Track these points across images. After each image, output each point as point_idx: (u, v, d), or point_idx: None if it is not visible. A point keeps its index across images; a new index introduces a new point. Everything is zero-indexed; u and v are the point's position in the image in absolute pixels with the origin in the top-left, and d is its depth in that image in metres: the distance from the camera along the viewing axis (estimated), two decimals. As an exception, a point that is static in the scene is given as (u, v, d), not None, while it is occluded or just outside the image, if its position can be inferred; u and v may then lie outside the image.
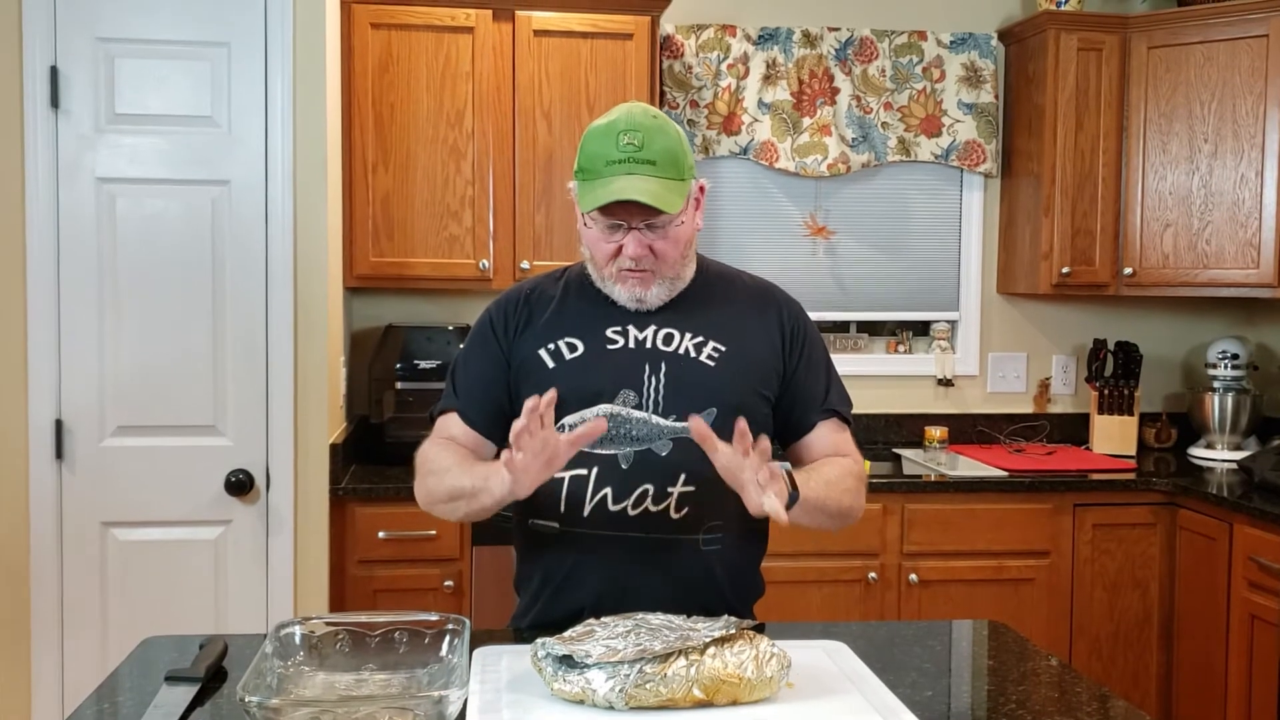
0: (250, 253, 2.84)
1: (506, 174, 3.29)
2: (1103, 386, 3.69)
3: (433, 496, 1.71)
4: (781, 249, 3.77)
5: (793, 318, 1.82)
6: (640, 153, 1.62)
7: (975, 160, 3.73)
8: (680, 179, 1.65)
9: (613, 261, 1.69)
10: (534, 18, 3.27)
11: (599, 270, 1.73)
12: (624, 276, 1.70)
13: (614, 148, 1.62)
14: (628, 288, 1.71)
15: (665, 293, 1.73)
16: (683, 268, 1.74)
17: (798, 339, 1.80)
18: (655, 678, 1.31)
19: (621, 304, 1.73)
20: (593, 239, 1.71)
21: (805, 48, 3.63)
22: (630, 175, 1.61)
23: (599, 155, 1.64)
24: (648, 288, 1.71)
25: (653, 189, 1.61)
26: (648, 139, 1.63)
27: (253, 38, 2.82)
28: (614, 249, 1.68)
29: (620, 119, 1.65)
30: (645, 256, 1.67)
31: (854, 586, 3.18)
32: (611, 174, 1.62)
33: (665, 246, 1.68)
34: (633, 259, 1.67)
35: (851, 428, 1.83)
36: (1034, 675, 1.58)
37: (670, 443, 1.66)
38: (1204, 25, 3.40)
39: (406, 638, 1.46)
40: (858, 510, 1.74)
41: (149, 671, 1.53)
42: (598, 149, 1.64)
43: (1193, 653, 3.20)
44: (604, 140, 1.64)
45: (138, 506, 2.83)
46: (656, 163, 1.62)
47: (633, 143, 1.62)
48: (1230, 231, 3.38)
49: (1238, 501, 3.01)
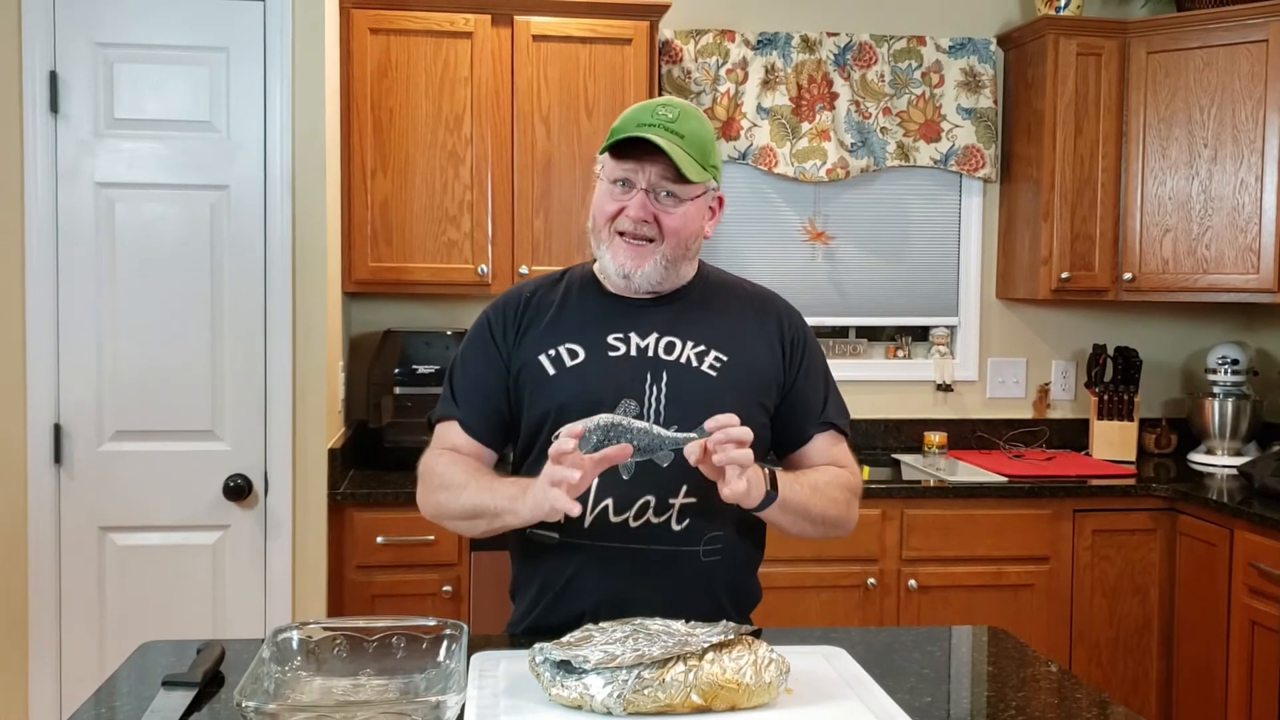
0: (249, 257, 2.84)
1: (505, 179, 3.29)
2: (1102, 392, 3.68)
3: (444, 511, 1.70)
4: (780, 254, 3.77)
5: (793, 328, 1.81)
6: (673, 124, 1.63)
7: (974, 165, 3.73)
8: (704, 164, 1.66)
9: (613, 222, 1.68)
10: (533, 23, 3.27)
11: (597, 230, 1.71)
12: (619, 244, 1.68)
13: (649, 114, 1.65)
14: (619, 257, 1.68)
15: (656, 276, 1.70)
16: (681, 258, 1.72)
17: (798, 349, 1.79)
18: (653, 683, 1.30)
19: (609, 276, 1.71)
20: (599, 196, 1.70)
21: (804, 53, 3.63)
22: (659, 137, 1.62)
23: (632, 119, 1.66)
24: (641, 262, 1.68)
25: (675, 150, 1.62)
26: (684, 116, 1.65)
27: (252, 43, 2.82)
28: (617, 208, 1.67)
29: (658, 99, 1.69)
30: (648, 223, 1.66)
31: (853, 592, 3.17)
32: (641, 132, 1.63)
33: (670, 221, 1.66)
34: (634, 220, 1.66)
35: (850, 439, 1.83)
36: (1033, 681, 1.58)
37: (672, 453, 1.65)
38: (1203, 30, 3.40)
39: (404, 643, 1.45)
40: (846, 522, 1.74)
41: (146, 676, 1.52)
42: (632, 114, 1.67)
43: (1193, 659, 3.20)
44: (641, 109, 1.67)
45: (136, 511, 2.83)
46: (686, 138, 1.64)
47: (668, 115, 1.64)
48: (1230, 236, 3.38)
49: (1238, 507, 3.01)
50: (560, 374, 1.70)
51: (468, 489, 1.65)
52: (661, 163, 1.63)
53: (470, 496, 1.64)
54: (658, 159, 1.63)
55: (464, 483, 1.66)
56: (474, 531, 1.69)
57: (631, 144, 1.63)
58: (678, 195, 1.66)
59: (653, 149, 1.62)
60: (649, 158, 1.64)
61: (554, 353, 1.72)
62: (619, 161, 1.66)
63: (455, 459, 1.72)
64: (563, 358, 1.71)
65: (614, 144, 1.65)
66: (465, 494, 1.65)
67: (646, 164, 1.64)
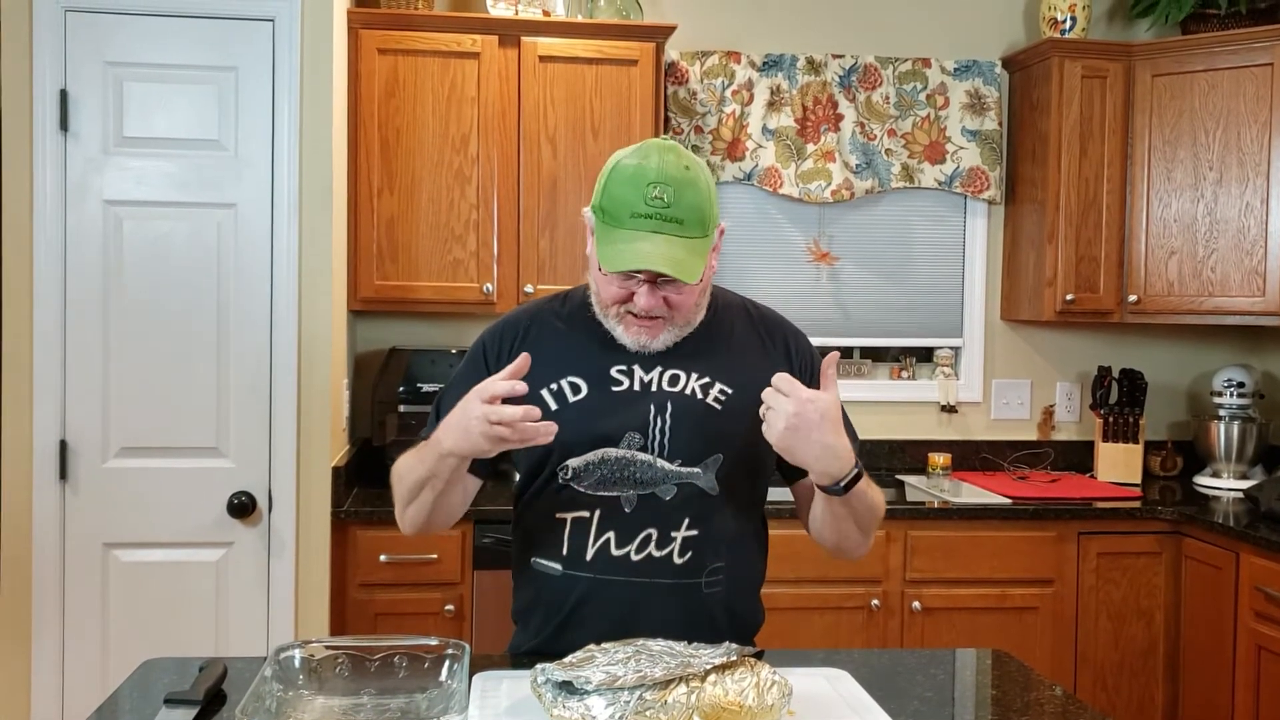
0: (255, 275, 2.85)
1: (511, 198, 3.30)
2: (1107, 414, 3.68)
3: (402, 505, 1.71)
4: (785, 275, 3.78)
5: (801, 352, 1.80)
6: (668, 210, 1.54)
7: (979, 187, 3.74)
8: (705, 236, 1.58)
9: (620, 305, 1.64)
10: (539, 44, 3.29)
11: (604, 309, 1.68)
12: (630, 322, 1.65)
13: (641, 200, 1.55)
14: (633, 334, 1.66)
15: (672, 338, 1.68)
16: (695, 315, 1.69)
17: (805, 372, 1.76)
18: (655, 704, 1.30)
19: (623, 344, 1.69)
20: (602, 280, 1.64)
21: (809, 74, 3.65)
22: (655, 234, 1.54)
23: (624, 203, 1.56)
24: (655, 336, 1.66)
25: (677, 255, 1.54)
26: (678, 194, 1.55)
27: (260, 62, 2.84)
28: (624, 295, 1.63)
29: (652, 168, 1.56)
30: (658, 307, 1.62)
31: (857, 614, 3.16)
32: (635, 229, 1.55)
33: (680, 300, 1.63)
34: (645, 310, 1.62)
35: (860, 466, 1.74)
36: (1038, 705, 1.57)
37: (675, 487, 1.64)
38: (1208, 54, 3.41)
39: (406, 662, 1.45)
40: (866, 546, 1.71)
41: (148, 693, 1.52)
42: (624, 195, 1.56)
43: (1199, 684, 3.18)
44: (632, 188, 1.56)
45: (140, 528, 2.83)
46: (684, 222, 1.55)
47: (661, 198, 1.54)
48: (1235, 259, 3.38)
49: (1244, 531, 3.00)
50: (563, 409, 1.67)
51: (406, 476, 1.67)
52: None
53: (411, 475, 1.65)
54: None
55: (402, 474, 1.69)
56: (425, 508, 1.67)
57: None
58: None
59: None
60: None
61: (555, 387, 1.68)
62: None
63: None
64: (565, 392, 1.68)
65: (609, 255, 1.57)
66: (408, 477, 1.66)
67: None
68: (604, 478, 1.64)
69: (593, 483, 1.65)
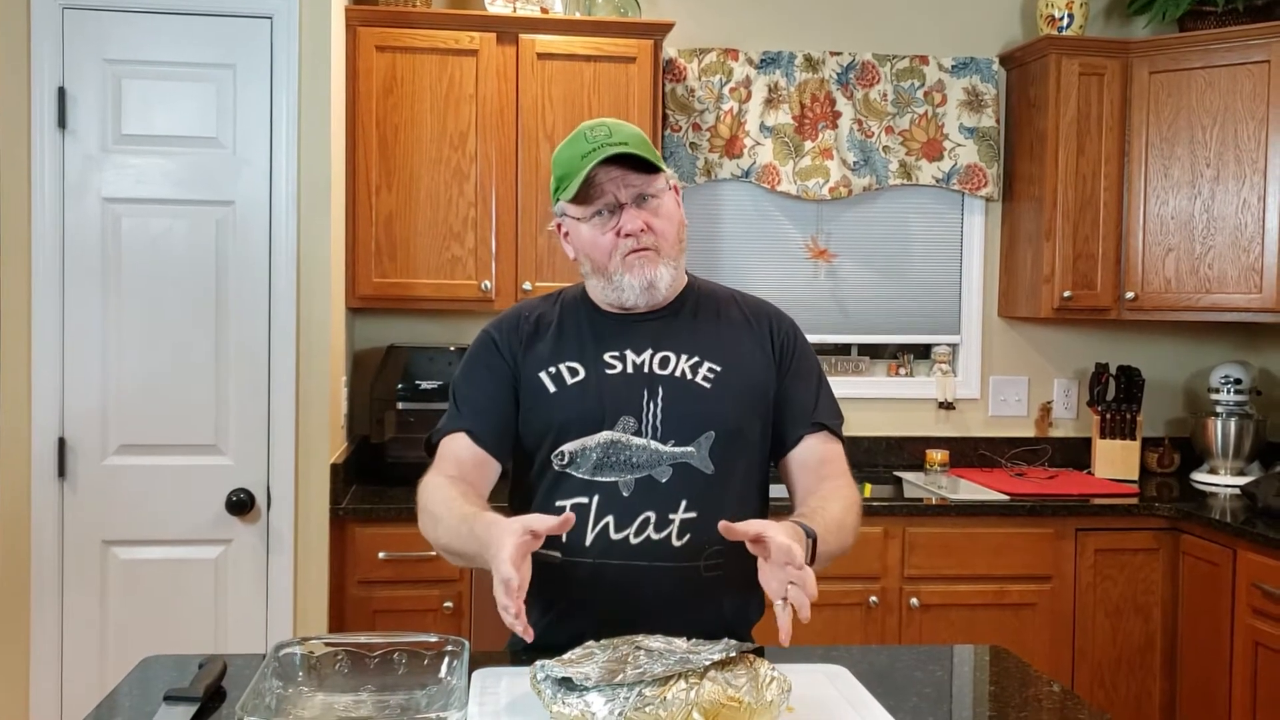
0: (254, 273, 2.85)
1: (509, 195, 3.31)
2: (1105, 411, 3.68)
3: (435, 541, 1.67)
4: (783, 271, 3.78)
5: (784, 331, 1.83)
6: (611, 138, 1.66)
7: (976, 184, 3.74)
8: (655, 155, 1.68)
9: (615, 251, 1.69)
10: (538, 41, 3.29)
11: (604, 268, 1.72)
12: (630, 262, 1.70)
13: (583, 143, 1.67)
14: (637, 271, 1.70)
15: (670, 276, 1.72)
16: (679, 254, 1.76)
17: (788, 350, 1.80)
18: (654, 701, 1.30)
19: (633, 300, 1.72)
20: (589, 239, 1.71)
21: (807, 72, 3.65)
22: (608, 151, 1.64)
23: (571, 156, 1.68)
24: (656, 266, 1.70)
25: (633, 150, 1.65)
26: (614, 128, 1.68)
27: (259, 60, 2.84)
28: (612, 237, 1.69)
29: (584, 125, 1.71)
30: (645, 232, 1.68)
31: (855, 610, 3.17)
32: (589, 162, 1.64)
33: (660, 223, 1.70)
34: (632, 234, 1.68)
35: (843, 443, 1.81)
36: (1036, 701, 1.58)
37: (670, 469, 1.66)
38: (1205, 51, 3.41)
39: (405, 659, 1.46)
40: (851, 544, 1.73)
41: (148, 691, 1.52)
42: (568, 152, 1.69)
43: (1196, 680, 3.19)
44: (572, 143, 1.69)
45: (139, 525, 2.83)
46: (629, 144, 1.66)
47: (602, 133, 1.67)
48: (1232, 256, 3.39)
49: (1241, 527, 3.00)
50: (561, 391, 1.72)
51: (442, 523, 1.61)
52: (624, 173, 1.67)
53: (445, 533, 1.61)
54: (618, 174, 1.66)
55: (441, 516, 1.62)
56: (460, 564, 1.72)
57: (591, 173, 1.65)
58: (653, 194, 1.69)
59: (611, 172, 1.66)
60: (610, 181, 1.67)
61: (554, 370, 1.73)
62: (586, 203, 1.69)
63: (439, 485, 1.67)
64: (563, 375, 1.73)
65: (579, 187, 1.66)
66: (441, 529, 1.62)
67: (611, 186, 1.67)
68: (600, 462, 1.66)
69: (589, 468, 1.67)
